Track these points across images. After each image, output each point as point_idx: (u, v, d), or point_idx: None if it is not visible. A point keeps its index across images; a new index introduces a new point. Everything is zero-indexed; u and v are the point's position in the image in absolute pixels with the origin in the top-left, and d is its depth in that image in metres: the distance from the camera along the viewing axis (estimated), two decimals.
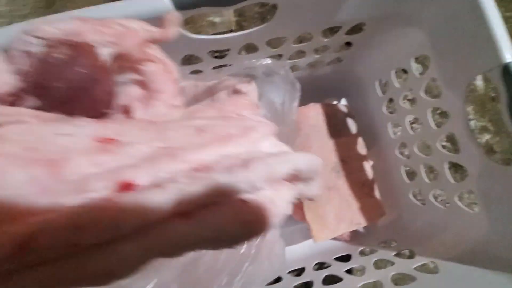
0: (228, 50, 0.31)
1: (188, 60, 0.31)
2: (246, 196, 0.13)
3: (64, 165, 0.12)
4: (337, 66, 0.42)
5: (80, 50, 0.17)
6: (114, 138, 0.13)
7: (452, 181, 0.32)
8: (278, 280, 0.35)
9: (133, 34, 0.18)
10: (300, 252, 0.41)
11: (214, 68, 0.34)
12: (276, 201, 0.14)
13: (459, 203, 0.31)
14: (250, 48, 0.31)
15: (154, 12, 0.21)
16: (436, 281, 0.27)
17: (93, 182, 0.12)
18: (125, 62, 0.19)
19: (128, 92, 0.20)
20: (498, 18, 0.24)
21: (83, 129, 0.13)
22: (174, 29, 0.20)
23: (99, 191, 0.11)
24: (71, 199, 0.11)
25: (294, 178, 0.16)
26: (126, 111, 0.19)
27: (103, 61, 0.17)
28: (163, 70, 0.20)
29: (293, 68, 0.39)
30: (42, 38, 0.17)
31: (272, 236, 0.29)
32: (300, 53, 0.36)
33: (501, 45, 0.23)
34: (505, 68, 0.23)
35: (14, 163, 0.11)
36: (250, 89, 0.31)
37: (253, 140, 0.17)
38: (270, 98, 0.31)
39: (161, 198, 0.11)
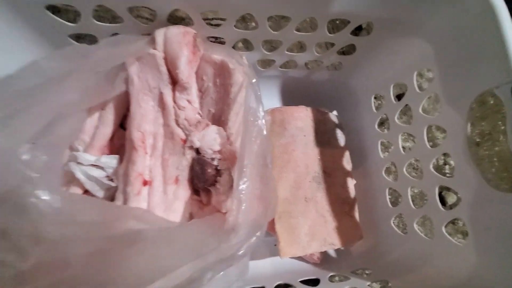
0: (224, 19, 0.28)
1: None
2: None
3: None
4: (335, 74, 0.40)
5: None
6: None
7: (441, 208, 0.29)
8: None
9: None
10: (262, 269, 0.36)
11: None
12: None
13: (445, 233, 0.28)
14: (246, 19, 0.28)
15: None
16: None
17: None
18: None
19: None
20: None
21: None
22: None
23: None
24: None
25: None
26: None
27: None
28: None
29: (290, 64, 0.37)
30: None
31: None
32: (301, 47, 0.33)
33: None
34: None
35: None
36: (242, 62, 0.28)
37: None
38: None
39: None
